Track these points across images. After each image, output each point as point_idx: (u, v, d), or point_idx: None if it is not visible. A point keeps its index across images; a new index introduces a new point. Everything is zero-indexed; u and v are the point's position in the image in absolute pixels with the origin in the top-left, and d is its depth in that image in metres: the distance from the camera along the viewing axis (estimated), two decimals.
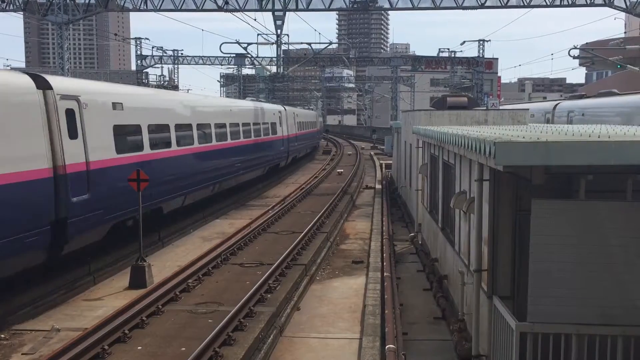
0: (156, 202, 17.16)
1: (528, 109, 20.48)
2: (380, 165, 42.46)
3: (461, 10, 31.83)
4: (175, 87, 65.81)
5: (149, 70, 56.87)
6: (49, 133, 12.22)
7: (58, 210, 12.35)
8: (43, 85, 12.38)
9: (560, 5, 30.45)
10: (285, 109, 39.59)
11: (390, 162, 38.19)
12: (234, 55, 58.97)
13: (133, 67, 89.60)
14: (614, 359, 6.87)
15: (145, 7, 32.50)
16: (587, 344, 6.89)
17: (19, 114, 11.50)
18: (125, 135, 15.62)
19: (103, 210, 14.03)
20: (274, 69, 62.39)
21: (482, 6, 30.81)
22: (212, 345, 9.48)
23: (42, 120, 12.06)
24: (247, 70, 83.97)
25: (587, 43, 51.30)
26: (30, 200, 11.55)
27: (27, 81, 12.02)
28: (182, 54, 60.32)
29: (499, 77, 67.98)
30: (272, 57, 56.29)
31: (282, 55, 55.71)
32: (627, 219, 6.93)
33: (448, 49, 58.97)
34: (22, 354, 9.98)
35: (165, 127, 18.25)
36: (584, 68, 73.92)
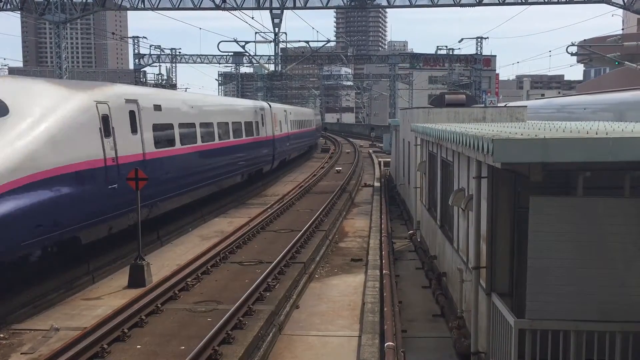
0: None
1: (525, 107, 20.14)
2: (379, 163, 42.47)
3: (459, 8, 31.85)
4: (173, 86, 65.80)
5: (146, 69, 56.72)
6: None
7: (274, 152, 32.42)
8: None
9: (558, 2, 30.44)
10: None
11: (389, 159, 38.19)
12: (232, 53, 58.91)
13: (131, 66, 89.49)
14: (612, 355, 6.88)
15: (142, 6, 32.45)
16: (585, 340, 6.91)
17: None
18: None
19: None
20: (272, 67, 62.30)
21: (479, 3, 30.78)
22: (211, 344, 9.49)
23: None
24: (245, 69, 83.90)
25: (584, 40, 51.27)
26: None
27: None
28: (179, 52, 60.21)
29: (497, 75, 68.03)
30: (270, 56, 56.23)
31: (280, 54, 55.66)
32: (625, 216, 6.94)
33: (446, 46, 58.87)
34: (21, 354, 9.98)
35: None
36: (582, 65, 73.94)
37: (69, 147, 12.84)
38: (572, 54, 37.74)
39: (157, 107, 17.73)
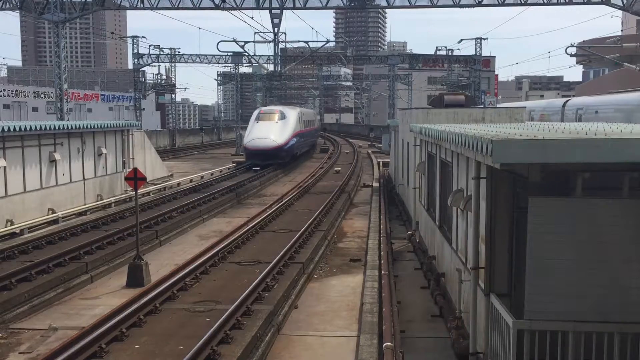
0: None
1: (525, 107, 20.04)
2: (378, 163, 42.50)
3: (458, 8, 31.80)
4: (172, 86, 65.70)
5: (145, 68, 56.53)
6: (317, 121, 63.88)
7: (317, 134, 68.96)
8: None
9: (557, 3, 30.40)
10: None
11: (388, 160, 38.19)
12: (231, 53, 58.71)
13: (130, 66, 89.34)
14: (610, 356, 6.88)
15: (142, 6, 32.36)
16: (584, 340, 6.91)
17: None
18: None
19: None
20: (271, 67, 62.22)
21: (479, 4, 30.74)
22: (209, 344, 9.48)
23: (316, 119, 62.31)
24: (245, 69, 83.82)
25: (584, 41, 51.24)
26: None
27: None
28: (179, 52, 60.05)
29: (496, 75, 68.01)
30: (269, 56, 56.02)
31: (279, 54, 55.47)
32: (624, 216, 6.94)
33: (445, 47, 58.54)
34: (19, 353, 9.98)
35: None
36: (581, 66, 74.05)
37: (297, 126, 44.38)
38: (571, 55, 37.72)
39: (302, 114, 47.98)
